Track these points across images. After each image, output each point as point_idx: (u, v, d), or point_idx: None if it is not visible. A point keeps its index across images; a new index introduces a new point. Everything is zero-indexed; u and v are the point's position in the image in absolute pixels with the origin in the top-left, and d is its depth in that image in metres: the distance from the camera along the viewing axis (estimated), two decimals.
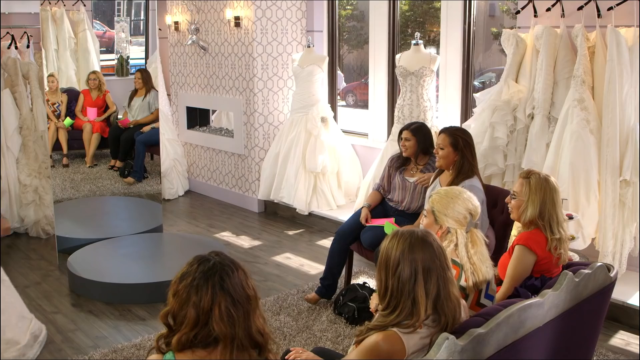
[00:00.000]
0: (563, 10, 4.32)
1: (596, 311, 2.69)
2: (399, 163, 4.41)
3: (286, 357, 2.44)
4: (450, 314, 2.10)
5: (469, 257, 2.61)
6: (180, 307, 1.78)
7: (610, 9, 4.07)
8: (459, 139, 3.84)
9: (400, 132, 4.35)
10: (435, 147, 4.03)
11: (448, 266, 2.13)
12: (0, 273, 3.44)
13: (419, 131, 4.28)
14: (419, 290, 2.05)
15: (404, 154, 4.35)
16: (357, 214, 4.37)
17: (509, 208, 3.04)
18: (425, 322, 2.09)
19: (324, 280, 4.30)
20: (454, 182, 3.76)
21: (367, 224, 4.23)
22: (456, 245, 2.63)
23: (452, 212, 2.66)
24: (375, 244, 4.04)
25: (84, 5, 6.17)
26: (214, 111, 7.60)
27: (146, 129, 6.17)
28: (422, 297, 2.05)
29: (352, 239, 4.29)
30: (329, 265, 4.31)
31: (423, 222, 2.79)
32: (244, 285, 1.81)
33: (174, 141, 7.41)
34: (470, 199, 2.72)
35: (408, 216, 4.26)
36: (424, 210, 2.85)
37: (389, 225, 3.97)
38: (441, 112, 5.64)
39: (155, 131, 6.09)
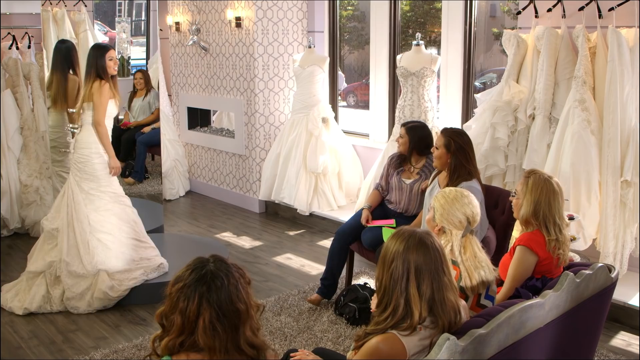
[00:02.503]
0: (564, 11, 4.32)
1: (597, 312, 2.69)
2: (397, 163, 4.43)
3: (291, 355, 2.45)
4: (446, 318, 2.10)
5: (462, 261, 2.61)
6: (170, 309, 1.77)
7: (611, 9, 4.07)
8: (452, 141, 3.82)
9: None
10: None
11: (445, 270, 2.11)
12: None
13: (412, 130, 4.31)
14: (412, 290, 2.05)
15: (397, 149, 4.41)
16: (358, 214, 4.38)
17: (512, 207, 3.06)
18: (424, 324, 2.09)
19: (325, 280, 4.31)
20: (450, 183, 3.76)
21: (368, 225, 4.24)
22: (452, 246, 2.64)
23: (448, 214, 2.66)
24: (375, 244, 4.04)
25: (85, 6, 6.16)
26: (214, 112, 7.60)
27: (147, 129, 6.17)
28: (415, 297, 2.05)
29: (352, 239, 4.29)
30: (329, 265, 4.31)
31: (428, 215, 2.81)
32: (234, 298, 1.76)
33: (175, 142, 7.41)
34: (471, 204, 2.69)
35: (407, 218, 4.26)
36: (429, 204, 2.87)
37: (386, 231, 3.99)
38: (442, 113, 5.64)
39: (156, 132, 6.09)
